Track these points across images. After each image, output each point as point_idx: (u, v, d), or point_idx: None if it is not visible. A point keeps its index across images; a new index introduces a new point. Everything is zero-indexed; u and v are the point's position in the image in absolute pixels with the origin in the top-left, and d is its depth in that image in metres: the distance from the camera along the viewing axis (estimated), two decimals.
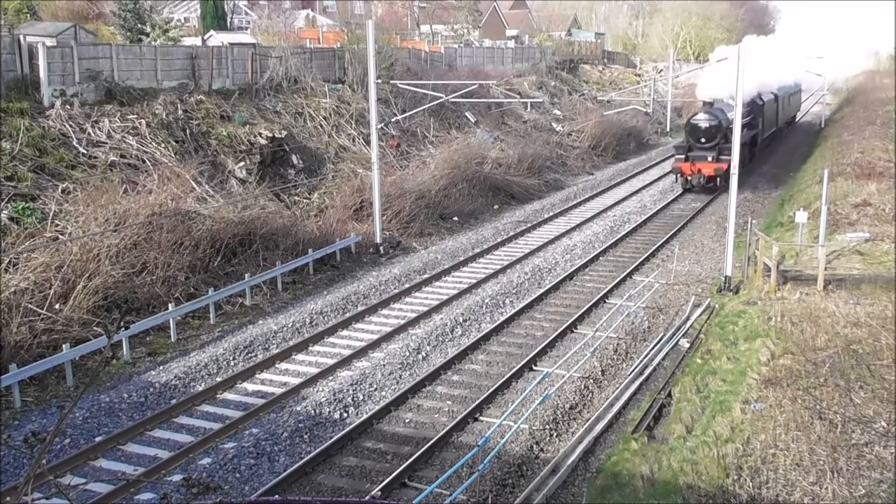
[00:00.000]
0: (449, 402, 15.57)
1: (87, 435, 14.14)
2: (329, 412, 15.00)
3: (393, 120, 32.07)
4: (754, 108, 38.29)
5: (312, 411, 14.93)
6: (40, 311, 16.73)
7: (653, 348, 18.13)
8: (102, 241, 19.00)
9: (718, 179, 34.89)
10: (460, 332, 19.19)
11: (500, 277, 23.59)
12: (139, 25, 35.52)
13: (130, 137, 24.37)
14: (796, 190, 35.10)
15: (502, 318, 19.93)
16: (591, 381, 16.55)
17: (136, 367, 17.11)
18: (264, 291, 21.74)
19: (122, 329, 17.34)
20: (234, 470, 12.99)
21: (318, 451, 13.42)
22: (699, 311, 20.65)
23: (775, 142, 48.52)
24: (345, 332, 19.24)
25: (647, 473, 12.54)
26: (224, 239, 21.97)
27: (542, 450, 13.79)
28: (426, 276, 23.59)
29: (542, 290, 22.26)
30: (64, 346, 16.04)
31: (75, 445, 13.75)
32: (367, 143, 30.11)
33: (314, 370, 16.86)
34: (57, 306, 17.09)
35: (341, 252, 25.16)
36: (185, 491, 3.60)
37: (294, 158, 29.30)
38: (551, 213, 32.66)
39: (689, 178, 36.02)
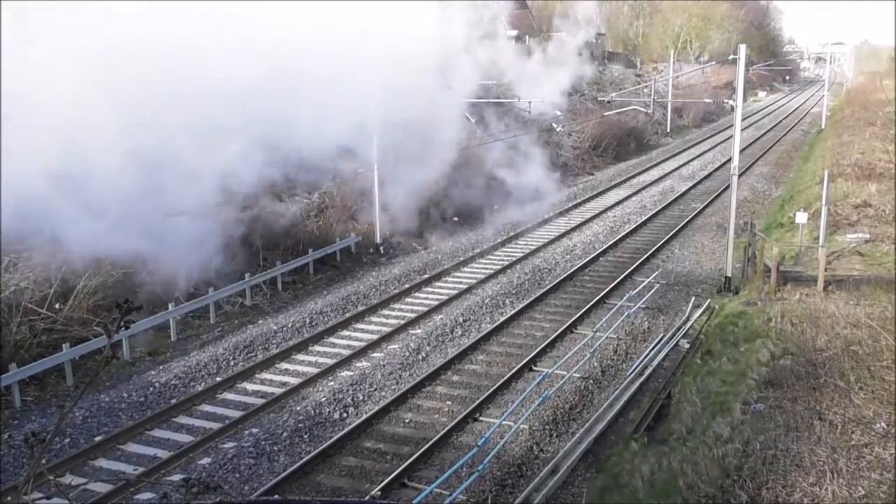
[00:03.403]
0: (449, 403, 15.57)
1: (87, 435, 14.14)
2: (329, 412, 15.00)
3: None
4: None
5: (312, 411, 14.93)
6: (40, 310, 16.73)
7: (653, 349, 18.13)
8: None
9: None
10: (460, 333, 19.19)
11: (499, 278, 23.59)
12: None
13: None
14: (796, 191, 35.11)
15: (502, 319, 19.93)
16: (591, 381, 16.55)
17: (136, 367, 17.11)
18: (264, 291, 21.74)
19: (123, 329, 17.37)
20: (233, 470, 12.99)
21: (317, 451, 13.41)
22: (699, 311, 20.65)
23: None
24: (345, 332, 19.24)
25: (646, 474, 12.54)
26: (224, 239, 21.95)
27: (541, 450, 13.79)
28: (426, 276, 23.60)
29: (542, 291, 22.26)
30: (64, 345, 16.04)
31: (75, 445, 13.75)
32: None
33: (314, 370, 16.86)
34: (57, 306, 17.09)
35: (341, 252, 25.16)
36: (184, 491, 3.60)
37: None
38: (551, 214, 32.66)
39: None
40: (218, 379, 16.56)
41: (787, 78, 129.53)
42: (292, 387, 16.03)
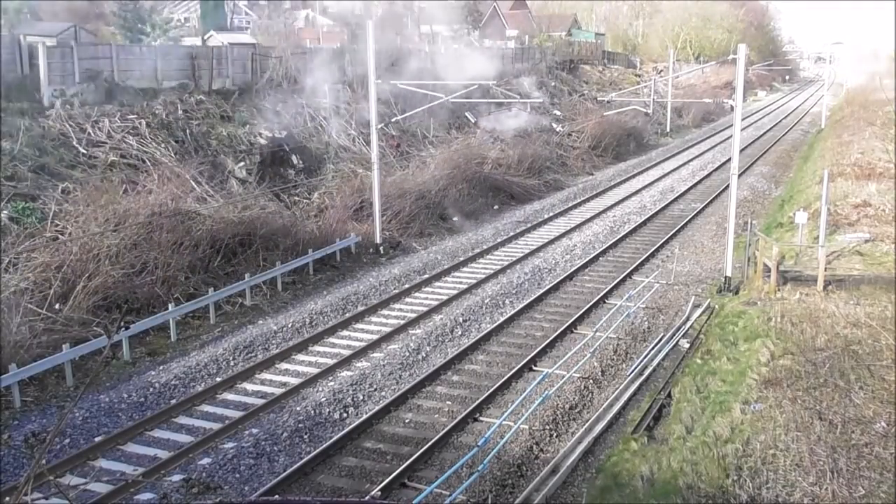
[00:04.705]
0: (449, 403, 15.57)
1: (87, 435, 14.14)
2: (329, 412, 15.00)
3: (393, 120, 32.06)
4: None
5: (312, 411, 14.92)
6: (40, 311, 16.72)
7: (653, 349, 18.13)
8: (102, 241, 19.00)
9: None
10: (460, 333, 19.19)
11: (499, 278, 23.58)
12: (139, 25, 35.54)
13: (130, 137, 24.38)
14: (796, 190, 35.11)
15: (502, 319, 19.93)
16: (591, 381, 16.55)
17: (136, 367, 17.11)
18: (264, 291, 21.74)
19: (123, 329, 17.30)
20: (233, 470, 12.99)
21: (317, 451, 13.42)
22: (699, 311, 20.65)
23: None
24: (345, 333, 19.24)
25: (646, 474, 12.54)
26: (224, 239, 21.96)
27: (541, 450, 13.79)
28: (426, 276, 23.59)
29: (541, 291, 22.26)
30: (64, 346, 16.03)
31: (75, 445, 13.75)
32: (368, 143, 30.11)
33: (314, 370, 16.86)
34: (57, 306, 17.09)
35: (341, 252, 25.15)
36: (184, 491, 3.61)
37: (294, 158, 29.30)
38: (551, 214, 32.66)
39: None
40: (218, 379, 16.56)
41: (787, 78, 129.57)
42: (292, 387, 16.03)
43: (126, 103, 25.92)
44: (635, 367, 17.04)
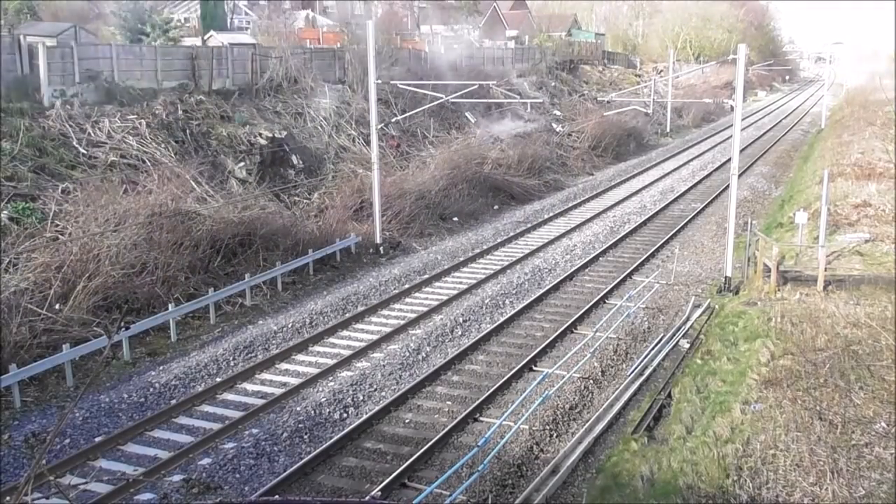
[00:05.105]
0: (449, 403, 15.57)
1: (87, 435, 14.14)
2: (329, 412, 15.00)
3: (393, 120, 32.06)
4: None
5: (312, 412, 14.92)
6: (40, 311, 16.72)
7: (653, 349, 18.13)
8: (102, 242, 18.99)
9: None
10: (460, 333, 19.19)
11: (499, 278, 23.58)
12: (139, 25, 35.54)
13: (130, 137, 24.37)
14: (796, 190, 35.12)
15: (502, 319, 19.93)
16: (591, 381, 16.55)
17: (136, 368, 17.10)
18: (264, 292, 21.74)
19: (123, 329, 17.28)
20: (233, 470, 12.98)
21: (318, 451, 13.41)
22: (699, 311, 20.65)
23: None
24: (345, 333, 19.24)
25: (646, 474, 12.54)
26: (224, 239, 21.96)
27: (542, 450, 13.79)
28: (426, 276, 23.59)
29: (541, 291, 22.25)
30: (64, 346, 16.03)
31: (75, 445, 13.75)
32: (368, 143, 30.12)
33: (314, 370, 16.86)
34: (57, 306, 17.08)
35: (341, 252, 25.15)
36: (185, 491, 3.61)
37: (294, 158, 29.30)
38: (551, 214, 32.66)
39: None
40: (218, 379, 16.56)
41: (787, 78, 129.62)
42: (292, 387, 16.03)
43: (126, 103, 25.92)
44: (635, 368, 17.04)
